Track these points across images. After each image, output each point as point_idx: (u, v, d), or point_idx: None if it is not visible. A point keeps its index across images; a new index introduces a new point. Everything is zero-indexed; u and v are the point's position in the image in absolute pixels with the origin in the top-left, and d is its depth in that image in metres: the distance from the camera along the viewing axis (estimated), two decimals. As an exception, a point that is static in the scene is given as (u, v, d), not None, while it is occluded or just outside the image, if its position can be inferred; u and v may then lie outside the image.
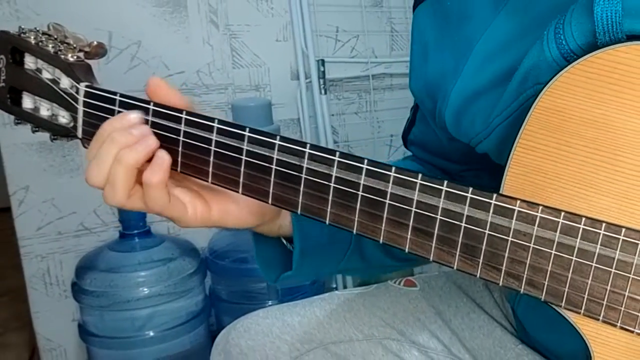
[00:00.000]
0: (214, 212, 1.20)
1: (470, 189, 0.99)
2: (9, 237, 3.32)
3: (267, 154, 1.11)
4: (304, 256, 1.31)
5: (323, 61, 3.49)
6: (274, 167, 1.11)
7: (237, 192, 1.15)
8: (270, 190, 1.13)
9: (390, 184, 1.03)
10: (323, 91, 3.50)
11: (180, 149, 1.17)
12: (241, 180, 1.14)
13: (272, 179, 1.12)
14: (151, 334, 2.94)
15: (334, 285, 3.56)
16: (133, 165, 1.09)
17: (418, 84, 1.37)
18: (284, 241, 1.35)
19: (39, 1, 2.96)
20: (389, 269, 1.55)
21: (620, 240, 0.93)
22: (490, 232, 0.99)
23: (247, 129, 1.12)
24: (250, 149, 1.12)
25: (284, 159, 1.10)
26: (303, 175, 1.10)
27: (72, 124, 1.26)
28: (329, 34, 3.57)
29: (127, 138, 1.10)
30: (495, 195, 0.98)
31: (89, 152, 1.14)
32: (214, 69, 3.36)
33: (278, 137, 1.10)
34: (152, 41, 3.20)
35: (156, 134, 1.15)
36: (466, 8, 1.24)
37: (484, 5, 1.21)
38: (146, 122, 1.16)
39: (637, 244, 0.92)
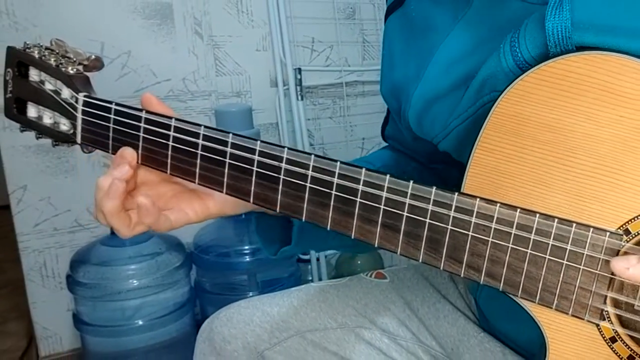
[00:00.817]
0: (211, 208, 1.26)
1: (434, 188, 1.00)
2: (8, 233, 3.31)
3: (249, 156, 1.12)
4: (302, 231, 1.33)
5: (300, 69, 3.49)
6: (255, 168, 1.12)
7: (222, 192, 1.17)
8: (252, 190, 1.14)
9: (361, 185, 1.05)
10: (300, 97, 3.50)
11: (169, 152, 1.18)
12: (225, 180, 1.16)
13: (253, 180, 1.13)
14: (140, 322, 2.94)
15: (310, 278, 3.57)
16: (113, 211, 1.14)
17: (386, 87, 1.38)
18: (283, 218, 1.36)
19: (36, 14, 2.95)
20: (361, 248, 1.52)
21: (571, 234, 0.94)
22: (452, 228, 1.01)
23: (230, 135, 1.14)
24: (233, 152, 1.13)
25: (265, 161, 1.11)
26: (281, 177, 1.11)
27: (72, 131, 1.28)
28: (305, 44, 3.57)
29: (99, 193, 1.16)
30: (456, 194, 1.00)
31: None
32: (199, 77, 3.36)
33: (259, 142, 1.12)
34: (141, 51, 3.20)
35: (146, 139, 1.19)
36: (429, 19, 1.26)
37: (444, 16, 1.22)
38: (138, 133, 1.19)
39: (587, 237, 0.93)
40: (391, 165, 1.25)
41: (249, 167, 1.13)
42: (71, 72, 1.26)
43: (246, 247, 3.17)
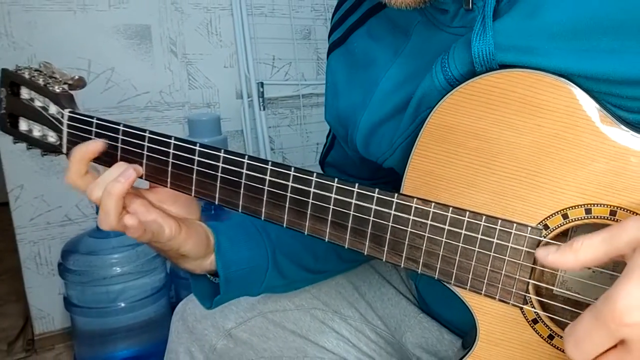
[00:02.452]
0: (182, 234, 1.21)
1: (377, 189, 1.01)
2: (7, 227, 3.29)
3: (214, 163, 1.13)
4: (228, 282, 1.30)
5: (262, 83, 3.49)
6: (219, 174, 1.13)
7: (190, 194, 1.17)
8: (217, 195, 1.15)
9: (313, 187, 1.05)
10: (262, 108, 3.49)
11: (144, 160, 1.19)
12: (193, 187, 1.17)
13: (217, 184, 1.13)
14: (122, 304, 2.94)
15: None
16: (119, 195, 1.11)
17: (331, 115, 1.38)
18: (209, 276, 1.34)
19: (31, 35, 2.94)
20: (307, 281, 1.55)
21: (497, 229, 0.95)
22: (393, 225, 1.01)
23: (198, 144, 1.14)
24: (200, 160, 1.14)
25: (228, 167, 1.12)
26: (243, 181, 1.11)
27: (58, 142, 1.29)
28: (267, 61, 3.56)
29: (111, 174, 1.15)
30: (396, 194, 1.00)
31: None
32: (174, 90, 3.34)
33: (222, 150, 1.12)
34: (124, 67, 3.18)
35: (124, 149, 1.19)
36: (370, 53, 1.26)
37: (385, 52, 1.22)
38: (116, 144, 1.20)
39: (511, 231, 0.94)
40: None
41: (214, 173, 1.14)
42: (57, 90, 1.27)
43: None
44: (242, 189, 1.12)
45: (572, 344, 0.77)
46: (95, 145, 1.20)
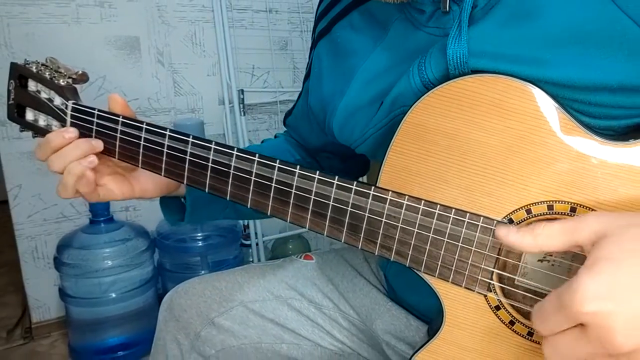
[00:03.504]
0: (135, 190, 1.32)
1: (355, 182, 1.02)
2: (7, 223, 3.29)
3: (205, 155, 1.15)
4: (194, 208, 1.39)
5: (242, 91, 3.48)
6: (210, 164, 1.14)
7: (182, 181, 1.20)
8: (207, 182, 1.16)
9: (296, 178, 1.06)
10: (242, 113, 3.48)
11: (141, 150, 1.22)
12: (186, 174, 1.19)
13: (208, 174, 1.15)
14: (113, 295, 2.94)
15: (251, 259, 3.56)
16: (79, 175, 1.19)
17: (315, 100, 1.38)
18: (182, 199, 1.45)
19: (29, 46, 2.94)
20: (255, 217, 1.70)
21: (466, 222, 0.95)
22: (369, 215, 1.01)
23: (191, 136, 1.17)
24: (193, 151, 1.16)
25: (218, 158, 1.14)
26: (231, 171, 1.12)
27: None
28: (247, 70, 3.55)
29: (75, 153, 1.21)
30: (373, 187, 1.01)
31: (40, 154, 1.25)
32: (161, 97, 3.33)
33: (214, 142, 1.14)
34: (114, 75, 3.18)
35: (122, 139, 1.23)
36: (351, 44, 1.26)
37: (364, 43, 1.22)
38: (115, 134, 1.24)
39: (478, 224, 0.95)
40: (279, 155, 1.26)
41: (205, 163, 1.15)
42: (62, 83, 1.29)
43: (199, 234, 3.19)
44: (230, 179, 1.13)
45: (539, 319, 0.79)
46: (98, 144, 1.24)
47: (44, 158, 1.23)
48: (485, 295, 0.98)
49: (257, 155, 1.10)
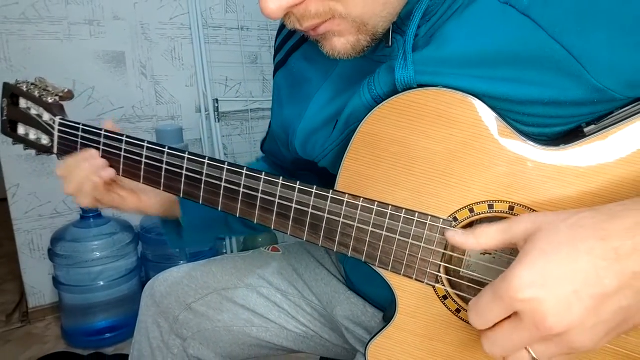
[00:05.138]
0: (142, 204, 1.33)
1: (315, 186, 1.02)
2: (6, 219, 3.28)
3: (179, 164, 1.15)
4: (189, 227, 1.41)
5: (217, 100, 3.48)
6: (184, 172, 1.14)
7: (160, 189, 1.20)
8: (182, 188, 1.16)
9: (262, 183, 1.06)
10: (217, 120, 3.48)
11: (122, 160, 1.22)
12: (162, 181, 1.18)
13: (182, 180, 1.15)
14: (102, 283, 2.95)
15: (225, 251, 3.57)
16: (98, 184, 1.21)
17: (277, 124, 1.37)
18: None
19: (26, 59, 2.95)
20: (246, 233, 1.69)
21: (415, 220, 0.95)
22: (328, 216, 1.01)
23: (167, 147, 1.16)
24: (168, 160, 1.16)
25: (191, 167, 1.14)
26: (203, 178, 1.12)
27: (50, 144, 1.30)
28: (221, 82, 3.55)
29: (94, 165, 1.21)
30: (331, 191, 1.01)
31: (61, 171, 1.25)
32: (144, 105, 3.32)
33: (187, 152, 1.14)
34: (102, 87, 3.17)
35: (105, 151, 1.22)
36: (306, 74, 1.26)
37: (318, 71, 1.22)
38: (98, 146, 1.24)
39: (426, 223, 0.94)
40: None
41: (179, 171, 1.15)
42: (50, 101, 1.29)
43: None
44: (202, 185, 1.14)
45: (475, 314, 0.78)
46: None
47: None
48: (433, 286, 0.98)
49: (226, 163, 1.10)
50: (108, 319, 3.05)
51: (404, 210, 0.96)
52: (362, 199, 0.99)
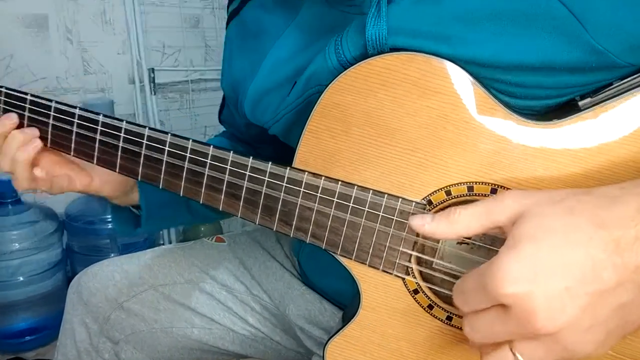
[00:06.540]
0: (95, 182, 1.30)
1: (270, 163, 1.00)
2: None
3: (116, 134, 1.14)
4: (149, 216, 1.37)
5: (153, 69, 3.46)
6: (120, 145, 1.14)
7: (93, 163, 1.18)
8: (117, 162, 1.15)
9: (209, 159, 1.05)
10: (153, 92, 3.48)
11: (49, 129, 1.21)
12: (96, 154, 1.17)
13: (118, 154, 1.14)
14: (21, 278, 2.90)
15: (162, 242, 3.57)
16: (27, 163, 1.19)
17: (226, 82, 1.36)
18: (133, 209, 1.43)
19: None
20: (211, 219, 1.61)
21: (384, 203, 0.94)
22: (284, 196, 1.00)
23: (101, 115, 1.17)
24: (103, 129, 1.16)
25: (129, 137, 1.13)
26: (143, 152, 1.11)
27: None
28: (157, 48, 3.53)
29: (17, 142, 1.19)
30: (288, 168, 0.99)
31: None
32: (69, 76, 3.28)
33: (124, 122, 1.13)
34: (22, 54, 3.11)
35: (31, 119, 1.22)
36: (261, 25, 1.24)
37: (275, 22, 1.20)
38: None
39: (396, 206, 0.94)
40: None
41: (115, 143, 1.14)
42: None
43: (109, 216, 3.16)
44: (141, 159, 1.12)
45: (459, 296, 0.78)
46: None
47: None
48: (403, 279, 0.97)
49: (169, 134, 1.09)
50: (29, 320, 3.00)
51: (371, 192, 0.95)
52: (323, 177, 0.98)
